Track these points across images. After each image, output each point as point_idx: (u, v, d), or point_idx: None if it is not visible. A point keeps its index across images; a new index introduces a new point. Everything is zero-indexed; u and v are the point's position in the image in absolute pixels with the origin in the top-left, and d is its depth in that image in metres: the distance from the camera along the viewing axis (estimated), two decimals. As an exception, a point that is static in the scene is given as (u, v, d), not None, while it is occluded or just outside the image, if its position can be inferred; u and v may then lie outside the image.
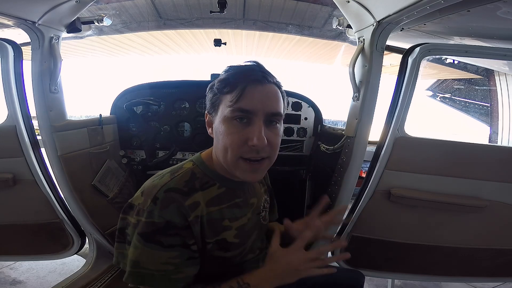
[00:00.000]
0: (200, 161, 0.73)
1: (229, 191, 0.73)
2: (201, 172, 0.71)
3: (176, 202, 0.63)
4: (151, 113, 1.80)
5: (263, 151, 0.64)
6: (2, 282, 1.96)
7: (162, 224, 0.61)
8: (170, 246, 0.62)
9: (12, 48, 1.24)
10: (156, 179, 0.68)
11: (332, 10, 1.80)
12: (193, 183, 0.68)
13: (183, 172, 0.69)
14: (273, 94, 0.65)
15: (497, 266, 1.50)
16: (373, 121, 1.23)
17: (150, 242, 0.61)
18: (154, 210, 0.61)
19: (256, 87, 0.62)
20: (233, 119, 0.63)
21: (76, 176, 1.41)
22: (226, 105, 0.63)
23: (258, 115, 0.62)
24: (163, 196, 0.63)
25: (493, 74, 2.21)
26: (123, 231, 0.68)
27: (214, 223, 0.69)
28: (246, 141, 0.62)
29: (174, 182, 0.66)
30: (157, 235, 0.61)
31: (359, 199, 1.36)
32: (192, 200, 0.65)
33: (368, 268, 1.51)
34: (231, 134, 0.63)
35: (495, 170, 1.28)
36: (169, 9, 1.99)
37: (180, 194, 0.64)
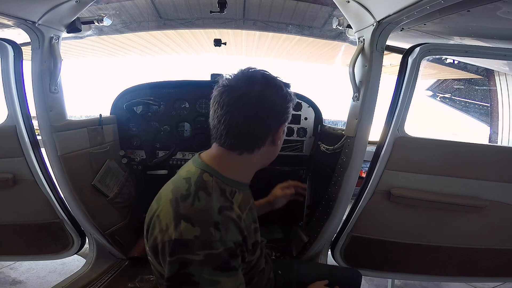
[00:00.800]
0: (214, 171, 0.68)
1: (245, 194, 0.74)
2: (222, 182, 0.67)
3: (231, 219, 0.60)
4: (151, 113, 1.80)
5: None
6: (2, 282, 1.96)
7: (233, 248, 0.58)
8: (240, 266, 0.61)
9: (12, 48, 1.24)
10: (193, 201, 0.61)
11: (332, 10, 1.80)
12: (225, 195, 0.65)
13: (212, 186, 0.64)
14: None
15: (497, 266, 1.50)
16: (373, 121, 1.23)
17: (228, 270, 0.57)
18: (223, 237, 0.57)
19: None
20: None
21: (76, 176, 1.41)
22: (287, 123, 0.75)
23: None
24: (221, 219, 0.59)
25: (493, 74, 2.21)
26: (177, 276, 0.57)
27: (250, 229, 0.69)
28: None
29: (217, 200, 0.61)
30: (231, 260, 0.58)
31: (359, 199, 1.36)
32: (235, 212, 0.63)
33: (368, 268, 1.51)
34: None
35: (495, 170, 1.28)
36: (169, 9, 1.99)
37: (228, 211, 0.61)
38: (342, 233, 1.46)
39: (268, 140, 0.70)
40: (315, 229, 1.53)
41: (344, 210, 1.41)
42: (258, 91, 0.65)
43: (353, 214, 1.39)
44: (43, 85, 1.24)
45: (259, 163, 0.74)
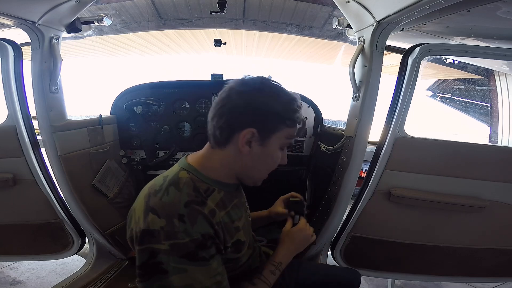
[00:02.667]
0: (192, 168, 0.70)
1: (227, 194, 0.74)
2: (198, 179, 0.69)
3: (200, 213, 0.62)
4: (151, 113, 1.80)
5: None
6: (2, 282, 1.96)
7: (199, 240, 0.60)
8: (212, 257, 0.63)
9: (12, 48, 1.24)
10: (163, 195, 0.63)
11: (332, 10, 1.80)
12: (199, 191, 0.66)
13: (185, 182, 0.66)
14: None
15: (497, 266, 1.50)
16: (373, 121, 1.23)
17: (196, 260, 0.60)
18: (187, 228, 0.59)
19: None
20: (282, 149, 0.74)
21: (76, 176, 1.41)
22: (285, 137, 0.72)
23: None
24: (186, 211, 0.61)
25: (493, 74, 2.21)
26: (147, 264, 0.60)
27: (228, 226, 0.69)
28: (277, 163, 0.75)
29: (186, 195, 0.64)
30: (199, 251, 0.60)
31: (359, 199, 1.36)
32: (208, 207, 0.65)
33: (368, 268, 1.51)
34: (277, 159, 0.74)
35: (495, 170, 1.28)
36: (169, 9, 1.99)
37: (197, 205, 0.63)
38: (342, 233, 1.46)
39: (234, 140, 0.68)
40: (315, 229, 1.52)
41: (344, 210, 1.41)
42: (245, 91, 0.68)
43: (353, 214, 1.39)
44: (43, 85, 1.24)
45: (233, 165, 0.71)
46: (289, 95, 0.70)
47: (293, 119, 0.70)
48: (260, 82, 0.69)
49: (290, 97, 0.70)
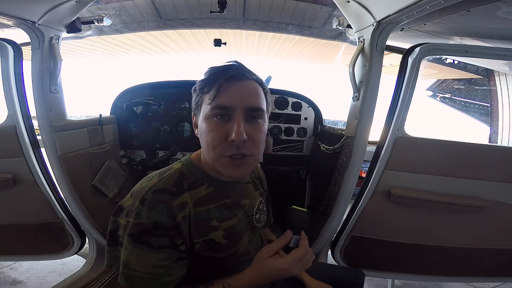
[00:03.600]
0: (188, 161, 0.74)
1: (218, 191, 0.73)
2: (189, 172, 0.71)
3: (164, 202, 0.63)
4: (151, 113, 1.80)
5: (244, 147, 0.63)
6: (2, 282, 1.95)
7: (150, 225, 0.61)
8: (159, 248, 0.62)
9: (12, 48, 1.24)
10: (145, 181, 0.68)
11: (332, 10, 1.80)
12: (181, 183, 0.68)
13: (171, 172, 0.70)
14: (252, 90, 0.65)
15: (497, 266, 1.50)
16: (373, 121, 1.23)
17: (139, 243, 0.61)
18: (142, 211, 0.62)
19: (234, 84, 0.63)
20: (213, 117, 0.64)
21: (76, 176, 1.41)
22: (206, 104, 0.65)
23: (237, 111, 0.62)
24: (151, 197, 0.63)
25: (493, 74, 2.21)
26: (114, 233, 0.67)
27: (201, 223, 0.68)
28: (226, 138, 0.62)
29: (162, 183, 0.66)
30: (146, 236, 0.61)
31: (359, 199, 1.36)
32: (180, 200, 0.66)
33: (368, 268, 1.51)
34: (211, 131, 0.64)
35: (495, 170, 1.28)
36: (169, 9, 1.99)
37: (168, 194, 0.65)
38: (342, 233, 1.46)
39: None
40: (315, 229, 1.53)
41: (344, 210, 1.41)
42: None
43: (353, 214, 1.39)
44: (43, 85, 1.24)
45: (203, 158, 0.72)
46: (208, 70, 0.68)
47: (204, 84, 0.66)
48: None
49: (209, 69, 0.68)
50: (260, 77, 0.70)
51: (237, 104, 0.62)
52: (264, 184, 0.97)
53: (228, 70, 0.65)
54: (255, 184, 0.89)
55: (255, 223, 0.84)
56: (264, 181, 0.97)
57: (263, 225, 0.90)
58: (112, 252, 0.68)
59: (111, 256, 0.68)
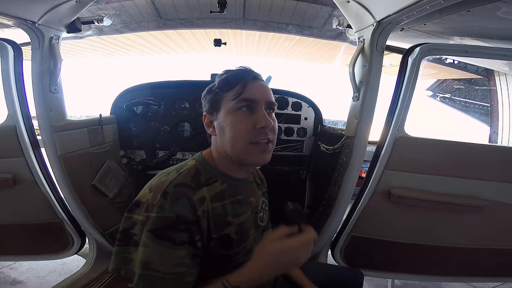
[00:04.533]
0: (202, 158, 0.77)
1: (231, 188, 0.75)
2: (204, 168, 0.74)
3: (185, 196, 0.64)
4: (151, 113, 1.80)
5: (268, 133, 0.71)
6: (2, 282, 1.96)
7: (173, 219, 0.61)
8: (181, 244, 0.61)
9: (12, 48, 1.24)
10: (163, 176, 0.69)
11: (332, 10, 1.80)
12: (198, 179, 0.70)
13: (188, 168, 0.72)
14: (267, 88, 0.76)
15: (497, 266, 1.50)
16: (373, 121, 1.23)
17: (161, 239, 0.60)
18: (165, 204, 0.61)
19: (255, 82, 0.73)
20: (239, 109, 0.70)
21: (76, 176, 1.41)
22: (230, 99, 0.71)
23: (260, 103, 0.71)
24: (173, 190, 0.64)
25: (493, 74, 2.21)
26: (127, 232, 0.64)
27: (218, 218, 0.70)
28: (254, 126, 0.69)
29: (181, 178, 0.68)
30: (168, 231, 0.60)
31: (359, 199, 1.36)
32: (199, 195, 0.67)
33: (368, 268, 1.51)
34: (239, 122, 0.70)
35: (495, 170, 1.28)
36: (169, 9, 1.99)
37: (188, 188, 0.66)
38: (342, 233, 1.46)
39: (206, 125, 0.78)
40: (315, 229, 1.52)
41: (344, 210, 1.41)
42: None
43: (353, 214, 1.39)
44: (43, 85, 1.24)
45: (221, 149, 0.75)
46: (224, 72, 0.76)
47: (226, 83, 0.73)
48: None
49: (225, 71, 0.76)
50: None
51: (260, 98, 0.71)
52: (265, 185, 0.99)
53: (248, 72, 0.74)
54: (257, 184, 0.92)
55: (259, 222, 0.86)
56: (264, 182, 0.99)
57: (265, 225, 0.90)
58: (122, 254, 0.64)
59: (121, 258, 0.64)
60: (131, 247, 0.63)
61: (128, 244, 0.64)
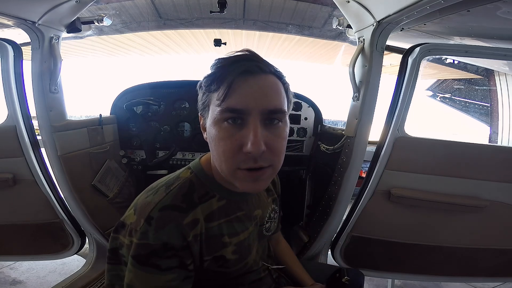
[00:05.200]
0: (198, 168, 0.66)
1: (230, 204, 0.66)
2: (199, 182, 0.63)
3: (173, 221, 0.56)
4: (151, 113, 1.80)
5: (262, 159, 0.52)
6: (2, 282, 1.96)
7: (158, 246, 0.54)
8: (168, 269, 0.56)
9: (12, 48, 1.24)
10: (150, 194, 0.60)
11: (332, 10, 1.80)
12: (191, 197, 0.61)
13: (179, 184, 0.61)
14: (270, 86, 0.53)
15: (497, 266, 1.50)
16: (373, 121, 1.23)
17: (145, 265, 0.54)
18: (149, 232, 0.54)
19: (247, 80, 0.51)
20: (223, 121, 0.53)
21: (76, 176, 1.41)
22: (215, 105, 0.53)
23: (253, 114, 0.51)
24: (158, 215, 0.55)
25: (493, 74, 2.21)
26: (115, 251, 0.61)
27: (212, 240, 0.62)
28: (240, 147, 0.52)
29: (170, 198, 0.58)
30: (153, 258, 0.54)
31: (359, 199, 1.36)
32: (191, 217, 0.58)
33: (368, 268, 1.51)
34: (222, 140, 0.53)
35: (495, 170, 1.28)
36: (169, 9, 1.99)
37: (177, 211, 0.57)
38: (342, 233, 1.46)
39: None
40: (315, 229, 1.53)
41: (344, 210, 1.41)
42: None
43: (353, 214, 1.39)
44: (43, 85, 1.24)
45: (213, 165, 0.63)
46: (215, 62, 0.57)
47: (211, 79, 0.54)
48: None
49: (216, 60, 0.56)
50: (278, 69, 0.57)
51: (252, 106, 0.51)
52: (278, 188, 0.90)
53: (239, 62, 0.52)
54: (268, 190, 0.83)
55: (264, 232, 0.80)
56: (277, 184, 0.90)
57: (272, 233, 0.86)
58: (114, 271, 0.62)
59: (113, 276, 0.62)
60: (121, 266, 0.61)
61: (118, 263, 0.61)
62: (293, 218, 1.90)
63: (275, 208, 0.85)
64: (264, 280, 0.79)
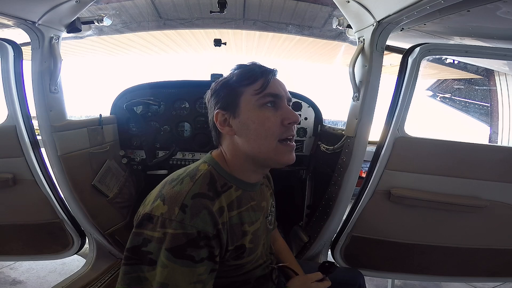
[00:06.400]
0: (214, 162, 0.70)
1: (245, 194, 0.71)
2: (218, 173, 0.68)
3: (206, 208, 0.58)
4: (151, 113, 1.80)
5: (293, 130, 0.71)
6: (2, 282, 1.96)
7: (194, 235, 0.55)
8: (200, 261, 0.56)
9: (12, 48, 1.24)
10: (176, 184, 0.62)
11: (332, 10, 1.80)
12: (215, 186, 0.64)
13: (202, 174, 0.65)
14: (284, 85, 0.73)
15: (497, 266, 1.50)
16: (373, 121, 1.23)
17: (181, 257, 0.54)
18: (185, 219, 0.55)
19: (275, 78, 0.71)
20: (265, 105, 0.67)
21: (76, 176, 1.41)
22: (252, 94, 0.67)
23: (283, 99, 0.69)
24: (192, 202, 0.57)
25: (493, 74, 2.21)
26: (137, 250, 0.57)
27: (235, 229, 0.65)
28: (281, 122, 0.67)
29: (198, 186, 0.61)
30: (189, 248, 0.55)
31: (359, 199, 1.36)
32: (218, 204, 0.61)
33: (368, 268, 1.51)
34: (266, 119, 0.66)
35: (495, 170, 1.28)
36: (169, 9, 1.99)
37: (207, 199, 0.60)
38: (342, 233, 1.46)
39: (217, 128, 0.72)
40: (315, 229, 1.53)
41: (344, 210, 1.41)
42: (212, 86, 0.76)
43: (353, 214, 1.39)
44: (43, 85, 1.24)
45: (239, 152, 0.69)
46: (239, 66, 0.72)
47: (247, 77, 0.68)
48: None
49: (240, 65, 0.72)
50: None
51: (282, 94, 0.69)
52: (272, 184, 0.96)
53: (266, 67, 0.71)
54: (266, 185, 0.88)
55: (268, 225, 0.83)
56: (271, 180, 0.97)
57: (272, 228, 0.89)
58: (133, 273, 0.57)
59: (132, 279, 0.57)
60: (144, 266, 0.56)
61: (140, 262, 0.57)
62: (293, 218, 1.90)
63: (272, 202, 0.90)
64: (268, 277, 0.82)
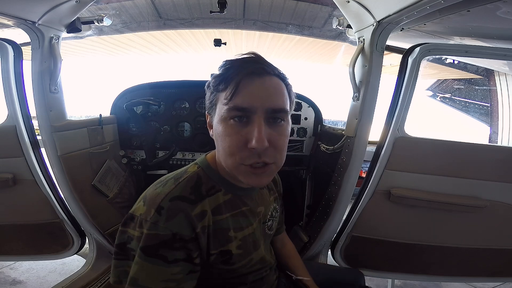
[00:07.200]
0: (205, 163, 0.68)
1: (235, 198, 0.68)
2: (206, 176, 0.66)
3: (183, 211, 0.57)
4: (151, 113, 1.80)
5: (265, 155, 0.56)
6: (2, 282, 1.96)
7: (167, 237, 0.55)
8: (174, 261, 0.56)
9: (12, 48, 1.24)
10: (159, 186, 0.62)
11: (332, 10, 1.80)
12: (199, 189, 0.63)
13: (187, 177, 0.64)
14: (274, 87, 0.57)
15: (497, 266, 1.50)
16: (373, 121, 1.23)
17: (152, 256, 0.55)
18: (159, 221, 0.55)
19: (253, 80, 0.55)
20: (230, 119, 0.56)
21: (76, 176, 1.41)
22: (222, 103, 0.57)
23: (257, 113, 0.55)
24: (169, 205, 0.57)
25: (493, 74, 2.21)
26: (123, 246, 0.60)
27: (219, 233, 0.64)
28: (245, 144, 0.55)
29: (179, 189, 0.60)
30: (161, 249, 0.55)
31: (359, 199, 1.36)
32: (199, 208, 0.60)
33: (368, 268, 1.51)
34: (228, 136, 0.57)
35: (495, 170, 1.28)
36: (169, 9, 1.99)
37: (187, 202, 0.59)
38: (342, 233, 1.46)
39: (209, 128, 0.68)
40: (315, 229, 1.53)
41: (344, 210, 1.41)
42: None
43: (353, 214, 1.39)
44: (43, 85, 1.24)
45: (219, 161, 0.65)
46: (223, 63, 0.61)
47: (219, 81, 0.58)
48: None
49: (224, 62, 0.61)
50: (282, 71, 0.61)
51: (257, 105, 0.55)
52: (279, 187, 0.92)
53: (246, 64, 0.57)
54: (269, 188, 0.85)
55: (267, 231, 0.80)
56: (279, 183, 0.92)
57: (273, 232, 0.86)
58: (121, 267, 0.62)
59: (121, 272, 0.62)
60: (130, 261, 0.59)
61: (127, 258, 0.60)
62: (293, 218, 1.90)
63: (276, 207, 0.86)
64: (265, 280, 0.80)
